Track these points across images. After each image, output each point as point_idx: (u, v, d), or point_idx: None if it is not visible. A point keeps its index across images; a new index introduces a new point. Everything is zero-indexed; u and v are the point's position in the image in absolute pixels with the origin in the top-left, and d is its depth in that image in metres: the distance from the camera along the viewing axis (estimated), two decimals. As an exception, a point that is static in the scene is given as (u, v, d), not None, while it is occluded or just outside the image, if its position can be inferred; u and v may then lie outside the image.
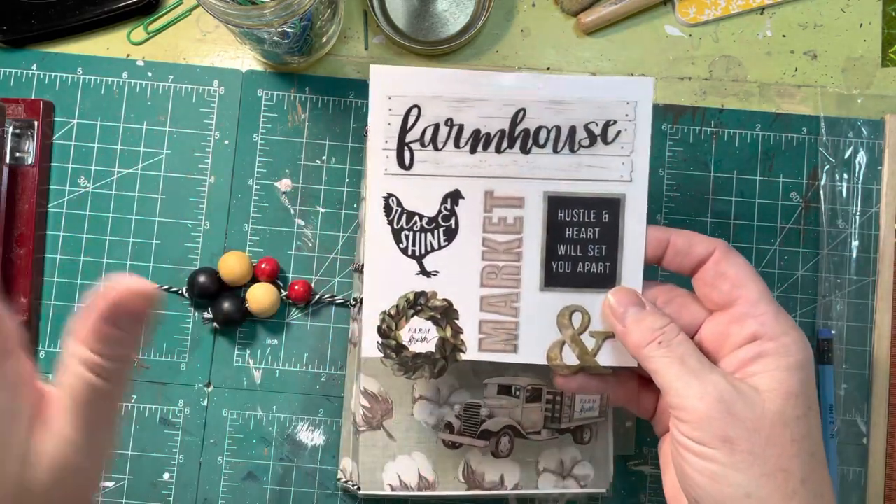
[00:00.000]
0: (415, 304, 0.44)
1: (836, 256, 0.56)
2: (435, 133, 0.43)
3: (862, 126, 0.57)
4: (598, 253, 0.43)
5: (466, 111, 0.43)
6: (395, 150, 0.43)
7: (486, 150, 0.43)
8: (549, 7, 0.58)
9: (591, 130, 0.43)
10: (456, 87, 0.43)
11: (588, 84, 0.43)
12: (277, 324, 0.55)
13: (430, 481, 0.51)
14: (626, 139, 0.43)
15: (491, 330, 0.44)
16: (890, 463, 0.54)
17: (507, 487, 0.51)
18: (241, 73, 0.57)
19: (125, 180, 0.56)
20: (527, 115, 0.43)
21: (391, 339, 0.44)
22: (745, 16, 0.58)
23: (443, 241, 0.43)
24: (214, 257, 0.55)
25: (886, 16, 0.58)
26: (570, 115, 0.43)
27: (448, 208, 0.43)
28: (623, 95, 0.43)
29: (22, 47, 0.57)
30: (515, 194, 0.43)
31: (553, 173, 0.43)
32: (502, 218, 0.43)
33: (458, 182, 0.43)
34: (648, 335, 0.40)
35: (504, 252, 0.43)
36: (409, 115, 0.43)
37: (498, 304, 0.44)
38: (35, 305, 0.55)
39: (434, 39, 0.57)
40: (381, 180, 0.43)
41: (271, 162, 0.56)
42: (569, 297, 0.43)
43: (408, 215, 0.43)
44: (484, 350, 0.44)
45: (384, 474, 0.51)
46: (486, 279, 0.44)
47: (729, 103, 0.57)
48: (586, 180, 0.43)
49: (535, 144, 0.43)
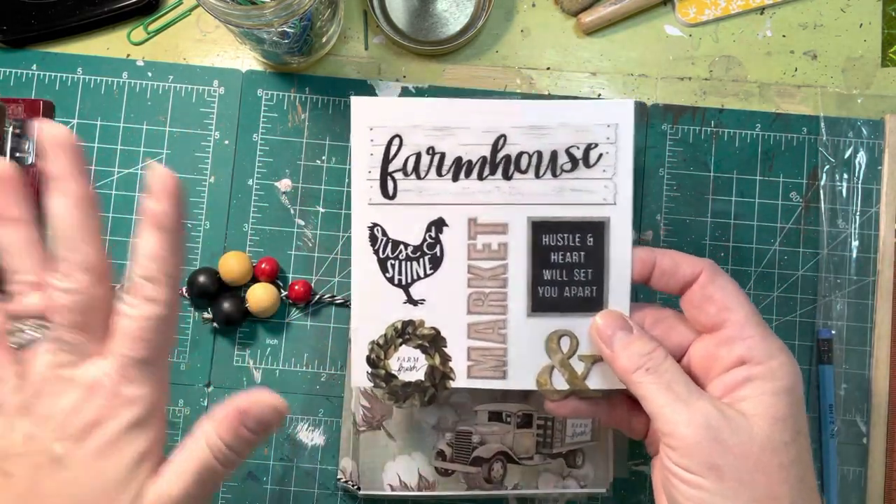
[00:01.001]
0: (403, 332, 0.44)
1: (836, 256, 0.56)
2: (417, 162, 0.43)
3: (862, 126, 0.57)
4: (584, 277, 0.43)
5: (447, 139, 0.43)
6: (379, 180, 0.43)
7: (468, 178, 0.43)
8: (549, 7, 0.58)
9: (572, 154, 0.43)
10: (435, 115, 0.43)
11: (568, 108, 0.43)
12: (277, 324, 0.55)
13: (430, 481, 0.51)
14: (608, 162, 0.43)
15: (479, 357, 0.44)
16: (890, 463, 0.54)
17: (506, 487, 0.51)
18: (241, 73, 0.57)
19: (125, 180, 0.56)
20: (507, 141, 0.43)
21: (380, 368, 0.44)
22: (745, 16, 0.58)
23: (428, 269, 0.44)
24: (214, 257, 0.55)
25: (886, 16, 0.58)
26: (551, 140, 0.43)
27: (433, 236, 0.44)
28: (603, 118, 0.43)
29: (22, 47, 0.57)
30: (499, 220, 0.43)
31: (536, 198, 0.43)
32: (487, 244, 0.43)
33: (441, 210, 0.43)
34: (636, 360, 0.40)
35: (490, 279, 0.44)
36: (391, 145, 0.43)
37: (485, 331, 0.44)
38: (35, 305, 0.54)
39: (434, 39, 0.57)
40: (366, 210, 0.43)
41: (271, 162, 0.56)
42: (556, 322, 0.44)
43: (393, 244, 0.44)
44: (473, 377, 0.44)
45: (384, 474, 0.51)
46: (472, 306, 0.44)
47: (729, 103, 0.57)
48: (570, 204, 0.43)
49: (517, 170, 0.43)
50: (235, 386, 0.55)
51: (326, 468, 0.54)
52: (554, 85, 0.57)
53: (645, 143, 0.57)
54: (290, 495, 0.54)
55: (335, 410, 0.55)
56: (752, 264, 0.56)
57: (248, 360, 0.55)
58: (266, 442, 0.54)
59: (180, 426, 0.54)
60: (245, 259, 0.54)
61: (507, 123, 0.43)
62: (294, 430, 0.55)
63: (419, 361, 0.44)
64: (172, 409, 0.55)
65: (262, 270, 0.54)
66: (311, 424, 0.55)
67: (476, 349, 0.44)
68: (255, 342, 0.55)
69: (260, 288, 0.53)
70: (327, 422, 0.55)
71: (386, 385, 0.44)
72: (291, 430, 0.55)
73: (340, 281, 0.56)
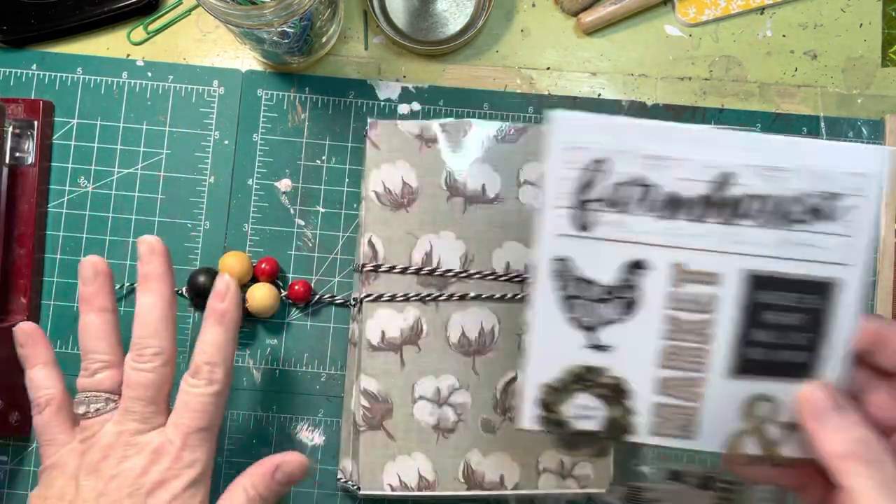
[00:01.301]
0: (582, 379, 0.40)
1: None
2: (621, 193, 0.38)
3: (862, 126, 0.57)
4: (799, 341, 0.38)
5: (661, 170, 0.38)
6: (573, 209, 0.38)
7: (680, 218, 0.38)
8: (549, 7, 0.58)
9: (809, 203, 0.38)
10: (651, 141, 0.38)
11: (811, 148, 0.37)
12: (277, 324, 0.55)
13: (429, 481, 0.51)
14: (850, 217, 0.37)
15: (667, 414, 0.39)
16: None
17: (507, 487, 0.51)
18: (241, 73, 0.57)
19: (125, 180, 0.56)
20: (734, 180, 0.38)
21: (553, 413, 0.40)
22: (745, 16, 0.58)
23: (620, 313, 0.39)
24: (214, 257, 0.55)
25: (886, 16, 0.58)
26: (786, 184, 0.37)
27: (629, 278, 0.39)
28: (853, 165, 0.37)
29: (22, 47, 0.57)
30: (710, 269, 0.38)
31: (756, 249, 0.38)
32: (692, 295, 0.38)
33: (644, 250, 0.38)
34: (848, 446, 0.35)
35: (690, 332, 0.39)
36: (593, 171, 0.38)
37: (678, 388, 0.39)
38: (35, 305, 0.55)
39: (434, 39, 0.57)
40: (553, 242, 0.39)
41: (271, 162, 0.56)
42: (758, 385, 0.39)
43: (581, 282, 0.39)
44: (656, 434, 0.40)
45: (384, 474, 0.51)
46: (666, 360, 0.39)
47: (729, 103, 0.57)
48: (795, 260, 0.38)
49: (740, 215, 0.38)
50: (235, 385, 0.55)
51: (326, 468, 0.54)
52: (554, 85, 0.57)
53: (645, 143, 0.57)
54: (290, 495, 0.54)
55: (335, 410, 0.55)
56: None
57: (248, 360, 0.55)
58: (266, 442, 0.54)
59: (180, 426, 0.54)
60: (245, 259, 0.54)
61: (735, 159, 0.37)
62: (294, 430, 0.55)
63: (597, 411, 0.40)
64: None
65: (263, 270, 0.54)
66: (311, 424, 0.55)
67: (664, 406, 0.40)
68: (255, 342, 0.55)
69: (260, 288, 0.53)
70: (327, 422, 0.55)
71: (557, 431, 0.40)
72: (291, 430, 0.55)
73: (340, 281, 0.56)
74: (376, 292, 0.52)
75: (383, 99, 0.57)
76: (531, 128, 0.53)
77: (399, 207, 0.52)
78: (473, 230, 0.52)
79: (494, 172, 0.53)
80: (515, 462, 0.51)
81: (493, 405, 0.52)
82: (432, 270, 0.52)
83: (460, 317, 0.52)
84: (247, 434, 0.54)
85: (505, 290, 0.52)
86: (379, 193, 0.52)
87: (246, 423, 0.55)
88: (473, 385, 0.51)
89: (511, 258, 0.52)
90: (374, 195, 0.52)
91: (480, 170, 0.53)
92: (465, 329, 0.52)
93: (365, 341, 0.51)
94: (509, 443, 0.52)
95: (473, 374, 0.51)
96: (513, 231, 0.53)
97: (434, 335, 0.52)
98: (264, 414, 0.55)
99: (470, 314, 0.52)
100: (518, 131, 0.53)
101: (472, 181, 0.53)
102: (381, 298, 0.51)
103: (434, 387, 0.51)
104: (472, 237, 0.52)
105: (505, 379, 0.52)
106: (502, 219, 0.53)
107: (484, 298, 0.52)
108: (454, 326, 0.52)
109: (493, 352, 0.52)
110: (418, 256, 0.52)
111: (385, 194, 0.52)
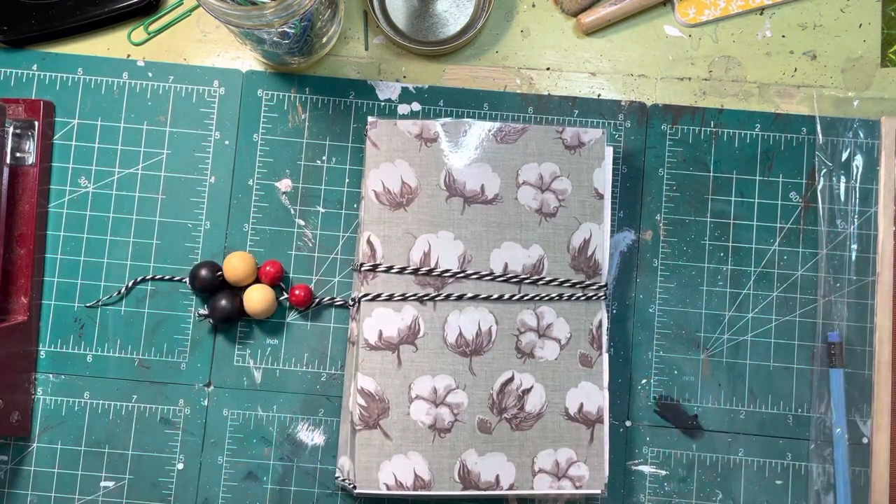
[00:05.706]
0: None
1: (835, 257, 0.56)
2: None
3: (859, 127, 0.57)
4: None
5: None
6: None
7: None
8: (549, 7, 0.58)
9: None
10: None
11: None
12: (277, 324, 0.55)
13: (425, 481, 0.51)
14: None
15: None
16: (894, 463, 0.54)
17: (502, 488, 0.51)
18: (241, 74, 0.57)
19: (125, 180, 0.56)
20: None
21: None
22: (744, 16, 0.58)
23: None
24: (215, 257, 0.55)
25: (886, 16, 0.58)
26: None
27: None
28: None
29: (22, 47, 0.57)
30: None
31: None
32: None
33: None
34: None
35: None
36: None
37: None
38: (35, 305, 0.55)
39: (434, 39, 0.57)
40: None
41: (271, 162, 0.56)
42: None
43: None
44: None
45: (380, 473, 0.51)
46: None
47: (728, 103, 0.57)
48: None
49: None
50: (236, 385, 0.55)
51: (326, 468, 0.55)
52: (554, 85, 0.57)
53: (645, 143, 0.57)
54: (289, 495, 0.54)
55: (335, 410, 0.55)
56: (752, 264, 0.56)
57: (249, 359, 0.55)
58: (267, 442, 0.55)
59: (181, 426, 0.55)
60: (250, 260, 0.54)
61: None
62: (294, 430, 0.55)
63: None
64: (172, 409, 0.55)
65: (267, 273, 0.54)
66: (311, 424, 0.55)
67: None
68: (255, 342, 0.55)
69: (257, 291, 0.53)
70: (327, 421, 0.55)
71: None
72: (291, 430, 0.55)
73: (341, 281, 0.56)
74: (374, 292, 0.52)
75: (383, 99, 0.57)
76: (531, 128, 0.53)
77: (398, 207, 0.52)
78: (472, 230, 0.52)
79: (493, 172, 0.53)
80: (511, 462, 0.51)
81: (490, 405, 0.52)
82: (430, 270, 0.52)
83: (458, 317, 0.52)
84: (247, 434, 0.55)
85: (503, 291, 0.52)
86: (378, 192, 0.52)
87: (246, 422, 0.55)
88: (470, 385, 0.51)
89: (509, 259, 0.52)
90: (373, 194, 0.52)
91: (479, 170, 0.53)
92: (463, 329, 0.52)
93: (362, 340, 0.51)
94: (505, 443, 0.52)
95: (470, 374, 0.51)
96: (511, 231, 0.53)
97: (431, 335, 0.52)
98: (264, 414, 0.55)
99: (467, 314, 0.52)
100: (518, 132, 0.53)
101: (471, 181, 0.53)
102: (379, 298, 0.52)
103: (431, 386, 0.51)
104: (471, 237, 0.52)
105: (501, 379, 0.52)
106: (501, 219, 0.53)
107: (481, 299, 0.52)
108: (451, 326, 0.52)
109: (491, 352, 0.52)
110: (416, 256, 0.52)
111: (384, 193, 0.52)
